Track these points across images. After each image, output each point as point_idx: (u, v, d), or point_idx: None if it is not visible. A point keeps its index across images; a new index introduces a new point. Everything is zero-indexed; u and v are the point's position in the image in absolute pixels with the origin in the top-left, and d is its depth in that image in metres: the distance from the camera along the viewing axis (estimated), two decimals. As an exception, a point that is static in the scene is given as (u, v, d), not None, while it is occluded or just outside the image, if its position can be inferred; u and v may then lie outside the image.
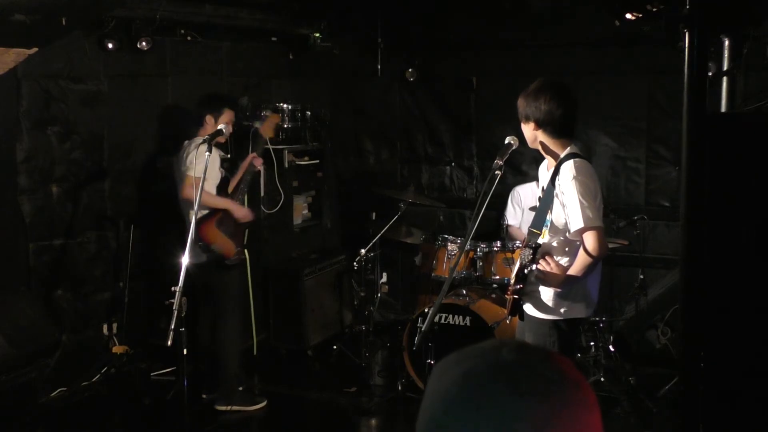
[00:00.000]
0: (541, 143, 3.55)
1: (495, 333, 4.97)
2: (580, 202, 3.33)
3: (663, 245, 6.14)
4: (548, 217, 3.51)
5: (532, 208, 5.61)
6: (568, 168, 3.41)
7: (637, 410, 5.07)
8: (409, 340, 5.21)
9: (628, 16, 3.70)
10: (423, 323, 3.28)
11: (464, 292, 5.31)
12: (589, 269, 3.45)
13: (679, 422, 2.68)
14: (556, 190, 3.45)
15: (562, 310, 3.53)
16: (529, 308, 3.61)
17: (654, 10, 3.32)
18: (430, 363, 3.36)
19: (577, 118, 3.59)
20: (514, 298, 3.60)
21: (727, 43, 3.18)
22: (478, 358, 1.03)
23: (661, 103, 6.18)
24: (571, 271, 3.44)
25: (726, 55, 3.20)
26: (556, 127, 3.48)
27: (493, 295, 5.39)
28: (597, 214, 3.39)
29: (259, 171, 5.64)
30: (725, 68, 3.19)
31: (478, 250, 5.34)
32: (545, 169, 3.70)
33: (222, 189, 5.22)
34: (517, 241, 5.58)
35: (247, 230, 5.36)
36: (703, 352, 2.61)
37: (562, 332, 3.54)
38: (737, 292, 2.65)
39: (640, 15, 3.59)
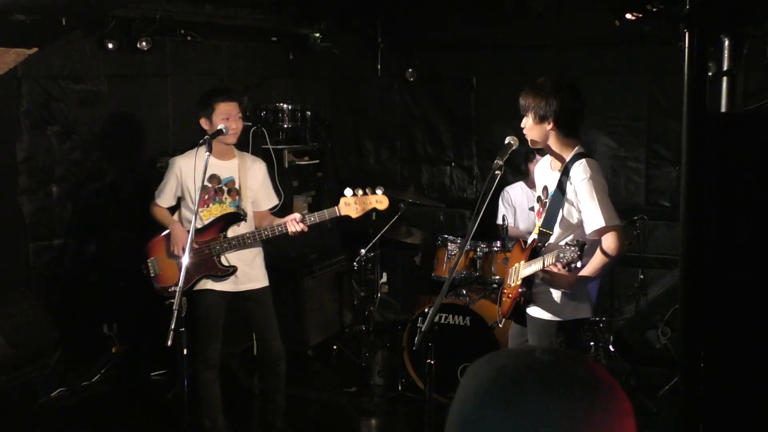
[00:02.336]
0: (549, 143, 3.51)
1: (495, 333, 4.97)
2: (599, 201, 3.32)
3: (663, 245, 6.14)
4: (558, 217, 3.48)
5: (532, 209, 5.62)
6: (581, 167, 3.39)
7: (637, 410, 5.04)
8: (409, 340, 5.21)
9: (628, 16, 3.69)
10: (423, 323, 3.27)
11: (464, 292, 5.31)
12: (604, 269, 3.42)
13: (679, 422, 2.67)
14: (568, 190, 3.43)
15: (569, 312, 3.50)
16: (534, 310, 3.58)
17: (654, 10, 3.32)
18: (430, 363, 3.35)
19: (584, 117, 3.59)
20: (517, 300, 3.57)
21: (727, 43, 3.18)
22: (511, 357, 1.03)
23: (661, 103, 6.18)
24: (585, 271, 3.38)
25: (726, 55, 3.20)
26: (571, 125, 3.48)
27: (493, 295, 5.38)
28: (615, 213, 3.38)
29: (288, 234, 4.31)
30: (725, 68, 3.19)
31: (478, 250, 5.34)
32: (548, 169, 3.67)
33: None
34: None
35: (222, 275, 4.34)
36: (703, 352, 2.61)
37: (569, 334, 3.51)
38: (737, 292, 2.65)
39: (640, 15, 3.58)
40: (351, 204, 4.21)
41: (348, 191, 4.20)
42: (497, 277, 5.34)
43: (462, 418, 1.00)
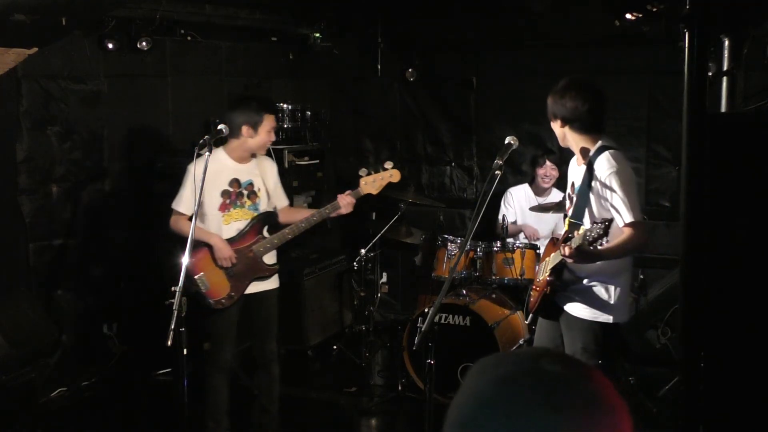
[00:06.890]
0: (568, 141, 3.61)
1: (495, 333, 4.97)
2: (626, 195, 3.39)
3: (663, 245, 6.13)
4: (586, 210, 3.53)
5: (535, 208, 5.62)
6: (605, 160, 3.46)
7: (637, 410, 5.06)
8: (409, 340, 5.21)
9: (628, 16, 3.70)
10: (423, 323, 3.27)
11: (464, 292, 5.31)
12: (619, 255, 3.49)
13: (679, 422, 2.67)
14: (593, 184, 3.48)
15: (609, 312, 3.56)
16: (574, 307, 3.60)
17: (654, 10, 3.32)
18: (430, 363, 3.35)
19: (605, 112, 3.62)
20: (545, 292, 3.59)
21: (727, 43, 3.18)
22: (517, 364, 1.01)
23: (661, 103, 6.18)
24: (602, 248, 3.39)
25: (726, 55, 3.19)
26: (584, 123, 3.52)
27: (493, 295, 5.39)
28: (639, 207, 3.45)
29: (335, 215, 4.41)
30: (725, 68, 3.18)
31: (478, 250, 5.34)
32: (574, 165, 3.74)
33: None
34: (521, 238, 5.58)
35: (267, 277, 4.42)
36: (703, 352, 2.61)
37: (607, 336, 3.57)
38: (737, 292, 2.64)
39: (640, 15, 3.59)
40: (369, 183, 4.40)
41: (363, 171, 4.42)
42: (497, 277, 5.34)
43: (461, 418, 0.99)
